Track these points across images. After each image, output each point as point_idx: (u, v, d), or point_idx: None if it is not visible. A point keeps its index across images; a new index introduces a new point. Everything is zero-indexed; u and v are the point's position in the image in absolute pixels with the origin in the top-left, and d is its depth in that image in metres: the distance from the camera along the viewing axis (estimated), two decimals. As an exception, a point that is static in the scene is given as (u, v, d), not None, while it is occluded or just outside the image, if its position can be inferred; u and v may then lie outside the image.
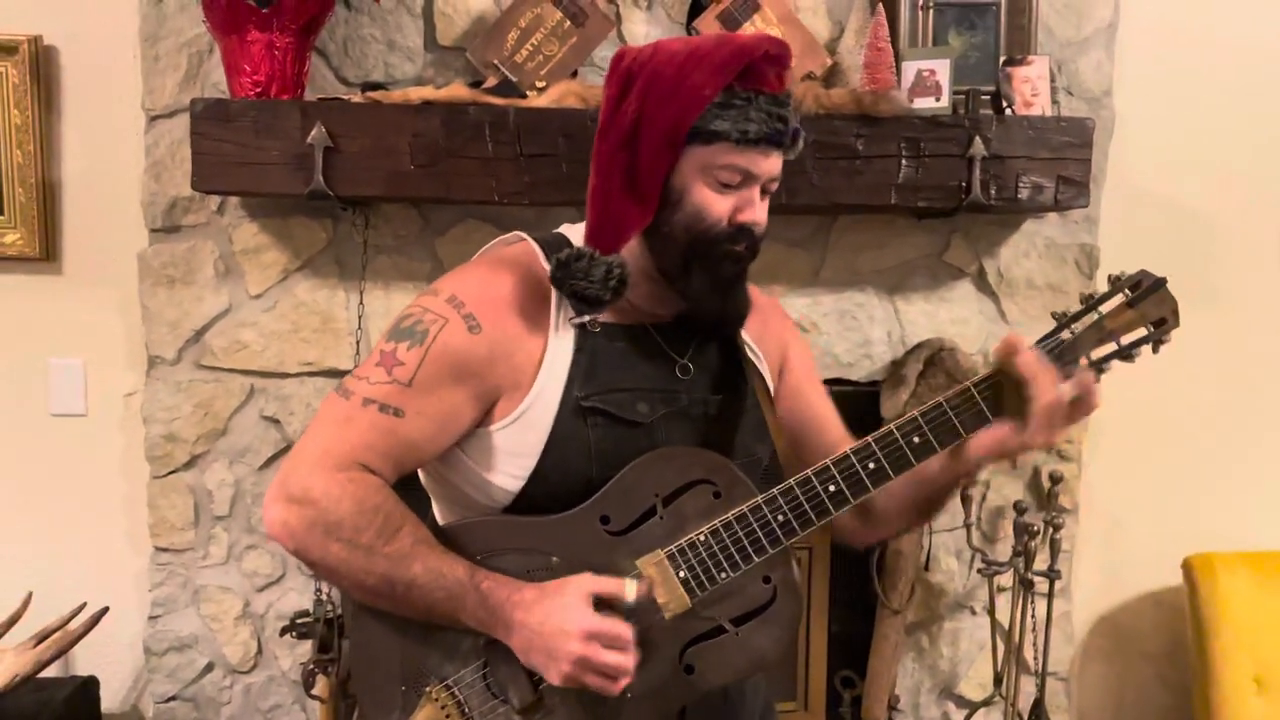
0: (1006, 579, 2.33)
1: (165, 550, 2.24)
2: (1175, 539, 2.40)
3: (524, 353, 1.15)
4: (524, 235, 1.26)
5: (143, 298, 2.18)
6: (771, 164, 1.17)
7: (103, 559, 2.29)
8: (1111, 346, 1.14)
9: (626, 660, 1.06)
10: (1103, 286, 2.36)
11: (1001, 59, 2.16)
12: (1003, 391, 1.12)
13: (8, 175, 2.16)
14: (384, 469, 1.13)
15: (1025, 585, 2.24)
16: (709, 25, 2.12)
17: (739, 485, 1.13)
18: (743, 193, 1.16)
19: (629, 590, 1.07)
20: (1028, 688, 2.36)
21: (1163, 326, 1.14)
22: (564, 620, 1.05)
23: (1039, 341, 1.15)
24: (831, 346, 2.31)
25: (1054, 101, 2.21)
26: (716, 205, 1.15)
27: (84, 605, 2.09)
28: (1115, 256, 2.36)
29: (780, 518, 1.11)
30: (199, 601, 2.26)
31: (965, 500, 2.29)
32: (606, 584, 1.09)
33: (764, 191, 1.19)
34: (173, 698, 2.27)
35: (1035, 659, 2.33)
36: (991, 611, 2.33)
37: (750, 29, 2.12)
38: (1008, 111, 2.12)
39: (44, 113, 2.17)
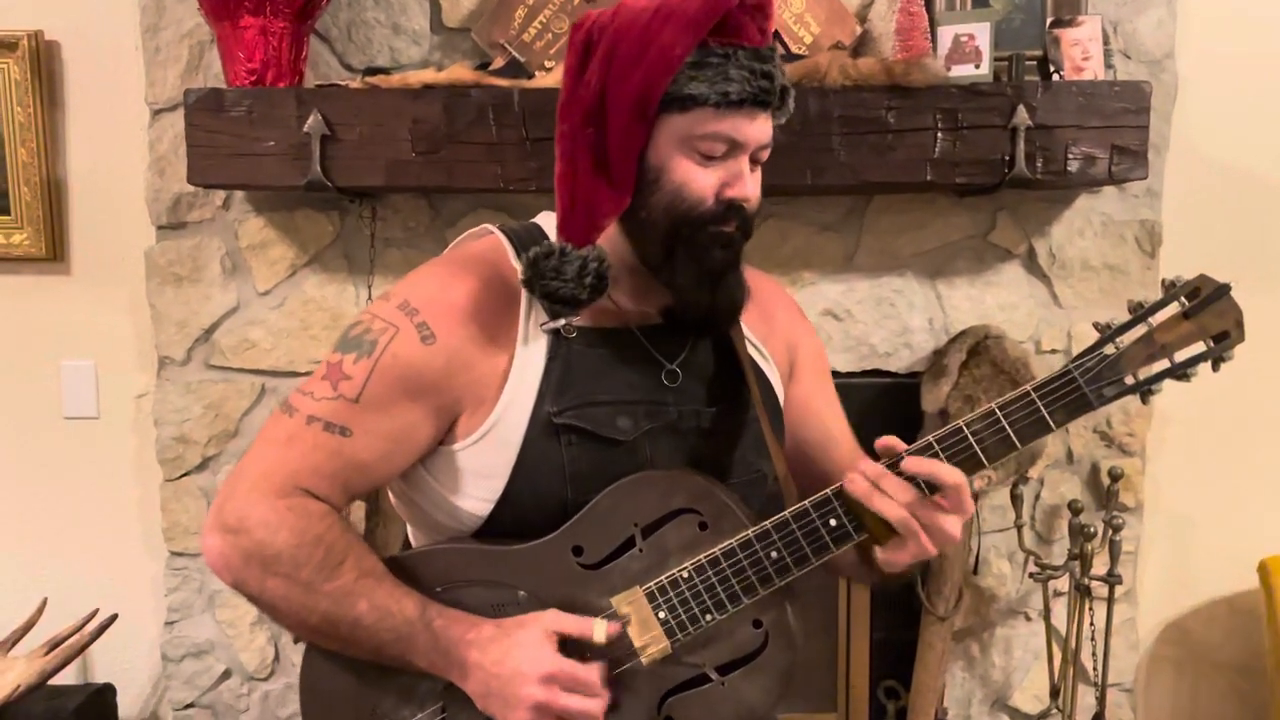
0: (1063, 583, 2.17)
1: (180, 555, 2.19)
2: (1250, 539, 2.22)
3: (487, 364, 1.04)
4: (492, 228, 1.14)
5: (150, 297, 2.12)
6: (759, 129, 1.02)
7: (119, 564, 2.25)
8: (1163, 363, 0.98)
9: (592, 706, 0.95)
10: (1166, 266, 2.20)
11: (1049, 20, 1.98)
12: None
13: (13, 174, 2.12)
14: (330, 493, 1.03)
15: (1082, 591, 2.07)
16: (729, -5, 1.97)
17: (728, 515, 1.00)
18: (729, 164, 1.02)
19: (597, 631, 0.96)
20: (1088, 699, 2.20)
21: (1224, 341, 0.98)
22: (521, 661, 0.94)
23: (1077, 358, 0.99)
24: (868, 336, 2.16)
25: (1108, 65, 2.03)
26: (700, 181, 1.01)
27: (96, 611, 2.05)
28: (1180, 234, 2.18)
29: (774, 554, 0.98)
30: (214, 607, 2.20)
31: (1016, 500, 2.13)
32: (573, 623, 0.97)
33: (754, 161, 1.05)
34: (191, 704, 2.22)
35: (1095, 669, 2.16)
36: (1047, 619, 2.17)
37: (773, -3, 1.97)
38: (1055, 77, 1.94)
39: (47, 110, 2.12)
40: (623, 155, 1.01)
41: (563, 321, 1.05)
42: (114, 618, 2.03)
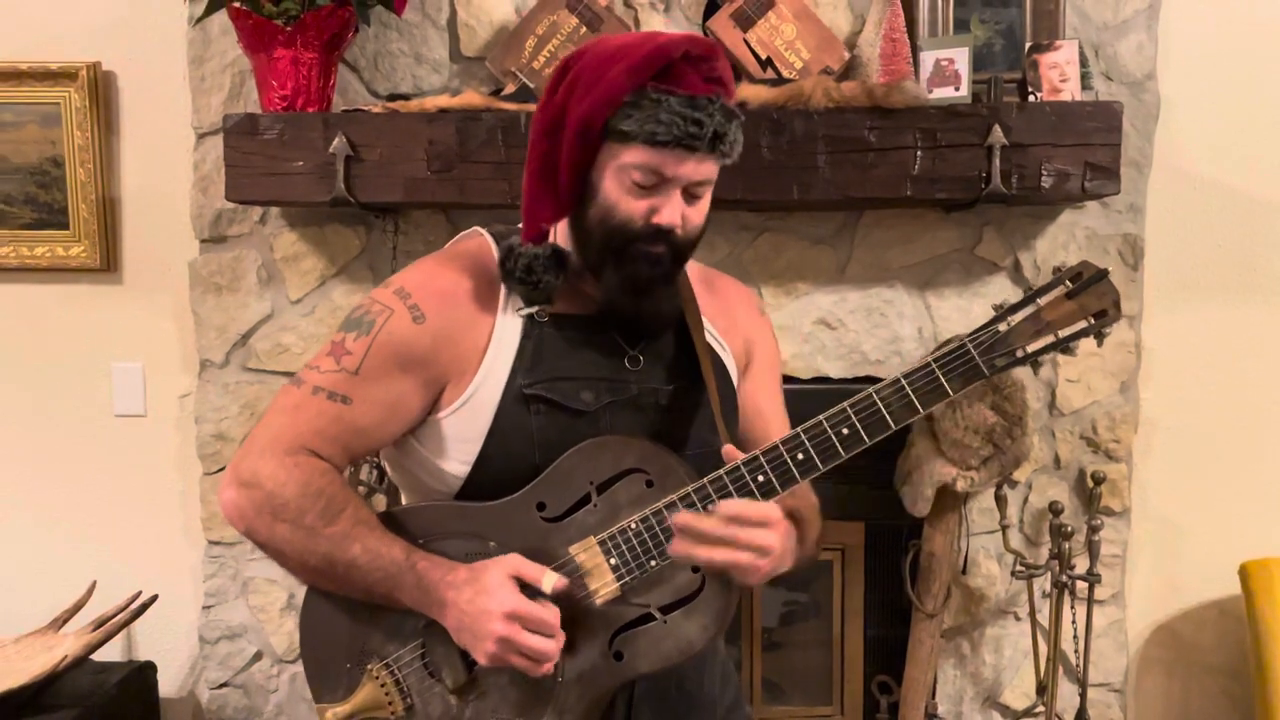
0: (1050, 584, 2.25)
1: (217, 544, 2.36)
2: (1237, 544, 2.28)
3: (469, 341, 1.18)
4: (481, 230, 1.29)
5: (193, 304, 2.30)
6: (690, 169, 1.13)
7: (162, 551, 2.42)
8: (1049, 339, 1.11)
9: (549, 644, 1.08)
10: (1149, 277, 2.30)
11: (1027, 45, 2.10)
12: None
13: (72, 192, 2.32)
14: (332, 454, 1.18)
15: (1060, 588, 2.16)
16: (723, 24, 2.12)
17: (672, 474, 1.13)
18: (659, 195, 1.14)
19: (547, 582, 1.09)
20: (1074, 697, 2.27)
21: (1103, 319, 1.11)
22: (488, 601, 1.08)
23: (972, 334, 1.13)
24: (859, 344, 2.27)
25: (1088, 87, 2.13)
26: (628, 205, 1.14)
27: (139, 593, 2.22)
28: (1162, 247, 2.28)
29: (709, 507, 1.11)
30: (248, 593, 2.36)
31: (1000, 501, 2.23)
32: (529, 569, 1.10)
33: (693, 195, 1.17)
34: (225, 684, 2.38)
35: (1077, 665, 2.24)
36: (1032, 617, 2.25)
37: (765, 25, 2.12)
38: (1032, 98, 2.06)
39: (104, 134, 2.33)
40: (566, 170, 1.16)
41: (536, 307, 1.20)
42: (154, 598, 2.20)
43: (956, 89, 2.04)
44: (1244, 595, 2.19)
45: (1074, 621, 2.21)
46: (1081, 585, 2.19)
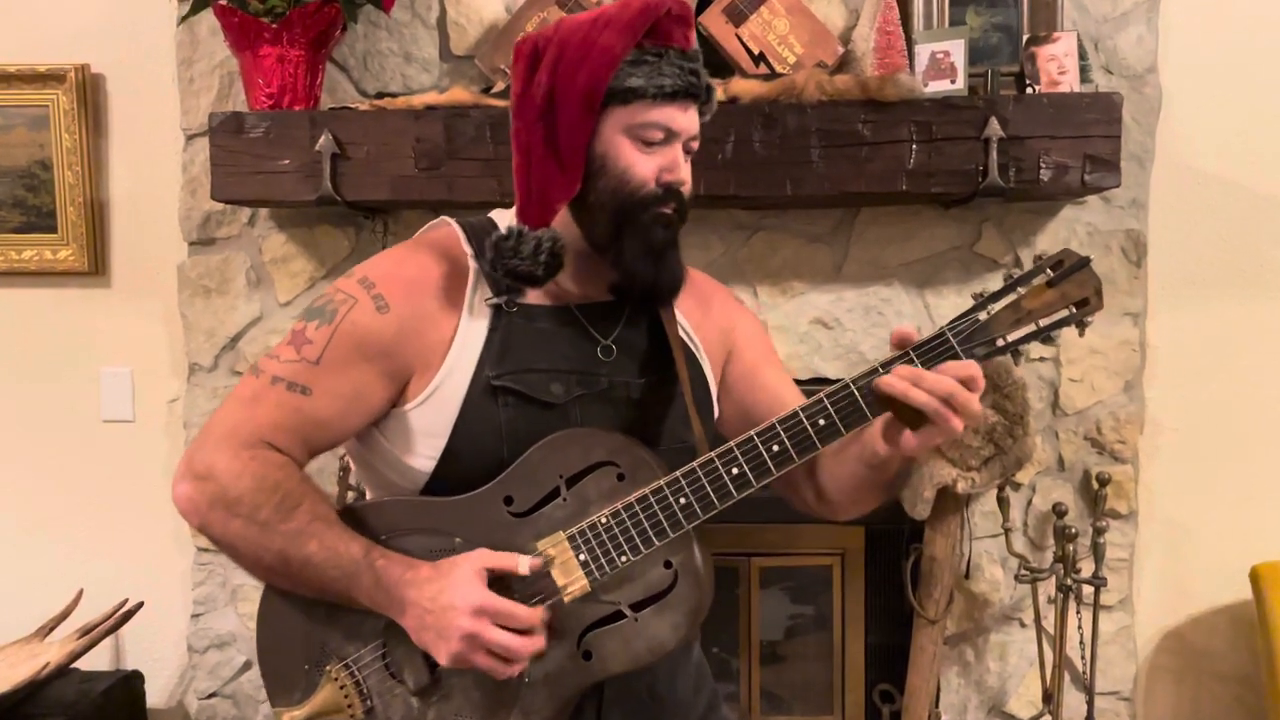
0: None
1: (206, 550, 2.32)
2: (1248, 546, 2.23)
3: (435, 332, 1.15)
4: (449, 220, 1.26)
5: (182, 308, 2.28)
6: (690, 120, 1.16)
7: (150, 559, 2.39)
8: (1030, 328, 1.07)
9: (518, 640, 1.03)
10: (1152, 274, 2.24)
11: (1025, 38, 2.06)
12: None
13: (60, 196, 2.30)
14: (291, 447, 1.14)
15: (1065, 591, 2.10)
16: (715, 19, 2.09)
17: (643, 468, 1.09)
18: (666, 151, 1.15)
19: (521, 565, 1.05)
20: (1082, 706, 2.21)
21: (1085, 308, 1.07)
22: (454, 597, 1.03)
23: (951, 322, 1.08)
24: (857, 344, 2.23)
25: (1086, 80, 2.09)
26: (641, 166, 1.14)
27: (125, 601, 2.19)
28: (1166, 243, 2.23)
29: (682, 500, 1.07)
30: (237, 601, 2.33)
31: (1003, 503, 2.17)
32: (500, 558, 1.06)
33: (686, 152, 1.18)
34: (214, 694, 2.34)
35: (1084, 671, 2.18)
36: (1037, 622, 2.19)
37: (757, 20, 2.09)
38: (1029, 91, 2.01)
39: (92, 136, 2.31)
40: (572, 145, 1.13)
41: (504, 297, 1.16)
42: (139, 606, 2.17)
43: (952, 82, 2.00)
44: (1255, 599, 2.14)
45: (1080, 627, 2.15)
46: (1087, 590, 2.14)
